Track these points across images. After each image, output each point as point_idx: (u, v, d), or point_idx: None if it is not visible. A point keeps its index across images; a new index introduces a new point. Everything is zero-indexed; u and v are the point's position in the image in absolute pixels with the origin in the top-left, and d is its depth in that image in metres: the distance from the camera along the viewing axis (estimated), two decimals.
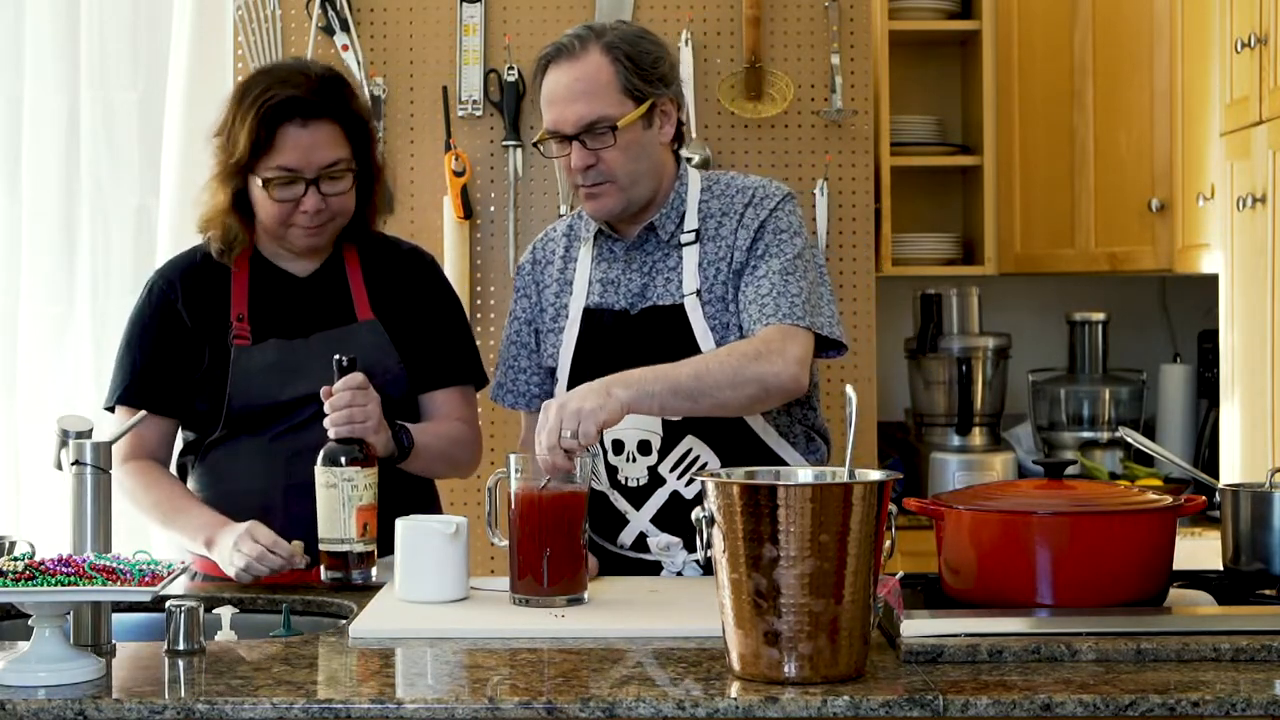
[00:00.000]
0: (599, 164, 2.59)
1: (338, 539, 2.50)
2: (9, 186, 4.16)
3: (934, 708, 1.82)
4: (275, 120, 2.63)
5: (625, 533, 2.68)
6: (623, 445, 2.65)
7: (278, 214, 2.68)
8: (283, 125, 2.64)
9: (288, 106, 2.64)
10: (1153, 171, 4.12)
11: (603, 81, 2.58)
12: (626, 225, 2.70)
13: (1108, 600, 2.10)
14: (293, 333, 2.74)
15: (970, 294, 4.45)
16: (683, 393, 2.45)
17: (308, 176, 2.66)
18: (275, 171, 2.65)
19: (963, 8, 4.47)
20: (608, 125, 2.58)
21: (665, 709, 1.82)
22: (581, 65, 2.59)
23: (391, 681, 2.02)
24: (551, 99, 2.61)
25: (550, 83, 2.61)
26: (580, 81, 2.58)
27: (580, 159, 2.59)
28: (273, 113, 2.63)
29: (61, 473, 2.30)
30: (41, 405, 4.07)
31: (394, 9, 4.03)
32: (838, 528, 1.87)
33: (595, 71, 2.58)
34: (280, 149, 2.64)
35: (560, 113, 2.59)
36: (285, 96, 2.64)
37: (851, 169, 4.07)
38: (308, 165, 2.65)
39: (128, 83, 4.16)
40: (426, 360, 2.82)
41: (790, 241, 2.62)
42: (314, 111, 2.65)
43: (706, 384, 2.46)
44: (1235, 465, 3.51)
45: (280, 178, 2.65)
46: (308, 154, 2.65)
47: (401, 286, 2.83)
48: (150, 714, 1.83)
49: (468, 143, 4.02)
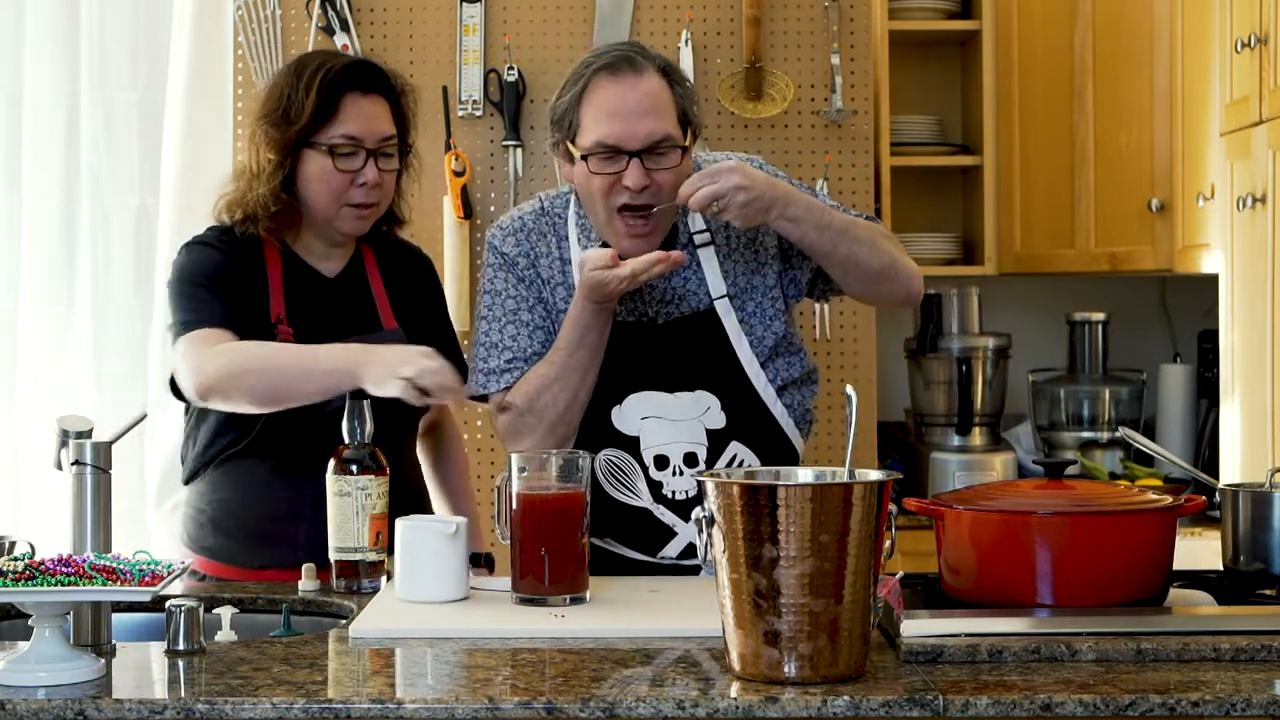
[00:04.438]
0: (652, 185, 2.52)
1: (350, 547, 2.49)
2: (9, 186, 4.16)
3: (934, 708, 1.82)
4: (339, 88, 2.68)
5: (671, 545, 2.65)
6: (667, 460, 2.63)
7: (336, 187, 2.69)
8: (346, 93, 2.68)
9: (350, 74, 2.69)
10: (1153, 171, 4.13)
11: (665, 101, 2.53)
12: None
13: (1108, 600, 2.10)
14: (328, 338, 2.69)
15: (970, 294, 4.45)
16: (834, 229, 2.54)
17: (369, 146, 2.69)
18: (340, 139, 2.68)
19: (963, 8, 4.47)
20: (673, 145, 2.52)
21: (665, 709, 1.82)
22: (646, 81, 2.52)
23: (391, 681, 2.02)
24: (615, 111, 2.50)
25: (612, 95, 2.51)
26: (649, 98, 2.51)
27: (639, 178, 2.50)
28: (337, 79, 2.67)
29: (61, 473, 2.30)
30: (41, 405, 4.07)
31: (394, 9, 4.03)
32: (838, 528, 1.87)
33: (659, 90, 2.52)
34: (344, 117, 2.68)
35: (628, 127, 2.49)
36: (346, 64, 2.71)
37: (851, 169, 4.07)
38: (369, 134, 2.69)
39: (128, 83, 4.15)
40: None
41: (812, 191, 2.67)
42: (372, 84, 2.71)
43: (854, 233, 2.56)
44: (1235, 465, 3.51)
45: (344, 146, 2.68)
46: (370, 123, 2.69)
47: (414, 291, 2.87)
48: (150, 714, 1.83)
49: (468, 143, 4.02)
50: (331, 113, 2.67)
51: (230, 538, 2.74)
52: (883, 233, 2.69)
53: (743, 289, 2.65)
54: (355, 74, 2.70)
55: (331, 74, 2.68)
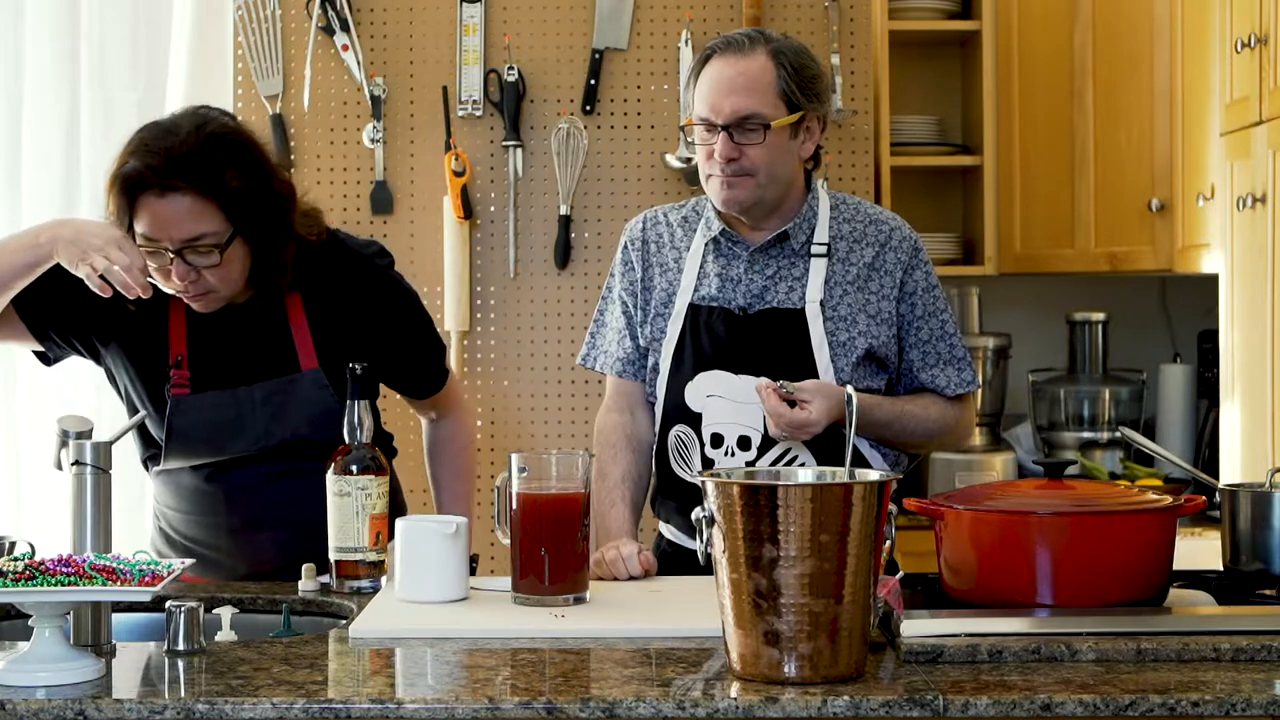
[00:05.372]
0: (742, 158, 2.65)
1: (350, 547, 2.49)
2: (9, 186, 4.16)
3: (934, 708, 1.82)
4: (133, 190, 2.50)
5: None
6: (722, 439, 2.70)
7: (159, 276, 2.55)
8: (140, 194, 2.50)
9: (140, 178, 2.49)
10: (1153, 171, 4.13)
11: (765, 81, 2.65)
12: (752, 230, 2.75)
13: (1108, 600, 2.10)
14: (233, 379, 2.64)
15: (970, 294, 4.45)
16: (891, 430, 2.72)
17: (169, 248, 2.50)
18: (140, 239, 2.52)
19: (963, 8, 4.47)
20: (760, 123, 2.64)
21: (665, 709, 1.82)
22: (746, 62, 2.66)
23: (391, 681, 2.02)
24: (710, 89, 2.67)
25: (712, 72, 2.67)
26: (742, 76, 2.65)
27: (726, 150, 2.65)
28: (125, 182, 2.50)
29: (61, 473, 2.30)
30: (41, 405, 4.07)
31: (394, 9, 4.02)
32: (838, 528, 1.87)
33: (759, 71, 2.66)
34: (139, 218, 2.51)
35: (716, 102, 2.65)
36: (136, 169, 2.49)
37: (851, 169, 4.07)
38: (166, 237, 2.50)
39: (128, 83, 4.15)
40: (409, 378, 2.84)
41: (942, 295, 2.79)
42: (168, 185, 2.48)
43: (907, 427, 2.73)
44: (1235, 465, 3.51)
45: (145, 245, 2.52)
46: (165, 226, 2.50)
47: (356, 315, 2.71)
48: (150, 714, 1.83)
49: (468, 143, 4.02)
50: (128, 212, 2.51)
51: (173, 548, 2.75)
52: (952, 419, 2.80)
53: (839, 298, 2.71)
54: (146, 177, 2.47)
55: (120, 175, 2.49)
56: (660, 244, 2.83)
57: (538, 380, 4.03)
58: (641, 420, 2.82)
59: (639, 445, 2.81)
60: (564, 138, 4.01)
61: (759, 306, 2.72)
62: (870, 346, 2.70)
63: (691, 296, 2.75)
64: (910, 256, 2.76)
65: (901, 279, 2.74)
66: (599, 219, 4.02)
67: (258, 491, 2.68)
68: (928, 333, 2.76)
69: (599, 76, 4.01)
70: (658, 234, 2.84)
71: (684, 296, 2.76)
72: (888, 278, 2.74)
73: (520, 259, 4.02)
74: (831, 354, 2.68)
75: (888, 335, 2.73)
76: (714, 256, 2.76)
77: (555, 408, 4.02)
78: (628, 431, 2.81)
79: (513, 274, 4.01)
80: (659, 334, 2.77)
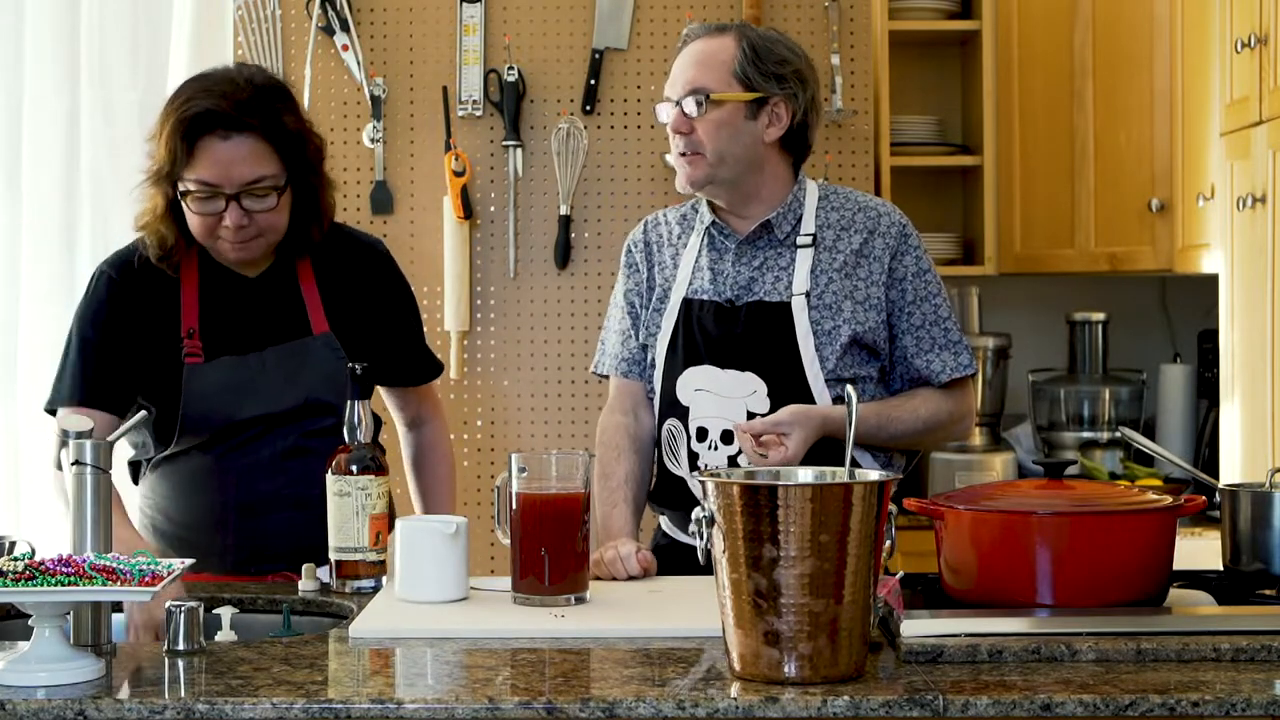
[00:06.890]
0: (692, 133, 2.70)
1: (350, 547, 2.49)
2: (9, 186, 4.16)
3: (934, 708, 1.82)
4: (195, 132, 2.54)
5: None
6: (706, 433, 2.71)
7: (200, 227, 2.60)
8: (202, 137, 2.54)
9: (206, 119, 2.54)
10: (1153, 171, 4.12)
11: (720, 59, 2.71)
12: (739, 220, 2.77)
13: (1108, 600, 2.10)
14: (246, 346, 2.67)
15: (970, 294, 4.45)
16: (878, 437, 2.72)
17: (228, 192, 2.55)
18: (195, 185, 2.56)
19: (963, 8, 4.47)
20: (704, 94, 2.69)
21: (665, 709, 1.82)
22: (710, 43, 2.73)
23: (391, 681, 2.02)
24: (675, 68, 2.75)
25: (680, 55, 2.76)
26: (702, 54, 2.72)
27: (676, 122, 2.71)
28: (192, 124, 2.53)
29: (61, 473, 2.30)
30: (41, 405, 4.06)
31: (394, 9, 4.02)
32: (838, 528, 1.87)
33: (717, 49, 2.72)
34: (199, 162, 2.54)
35: (674, 78, 2.74)
36: (204, 109, 2.54)
37: (851, 169, 4.07)
38: (227, 180, 2.55)
39: (128, 83, 4.15)
40: (396, 362, 2.85)
41: (935, 278, 2.78)
42: (236, 125, 2.54)
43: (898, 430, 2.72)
44: (1235, 465, 3.51)
45: (200, 191, 2.56)
46: (227, 169, 2.55)
47: (360, 291, 2.78)
48: (150, 714, 1.83)
49: (468, 143, 4.02)
50: (187, 158, 2.54)
51: (164, 541, 2.75)
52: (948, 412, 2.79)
53: (824, 285, 2.72)
54: (214, 117, 2.53)
55: (187, 117, 2.53)
56: (660, 243, 2.86)
57: (538, 380, 4.03)
58: (644, 421, 2.83)
59: (641, 446, 2.82)
60: (564, 138, 4.01)
61: (746, 298, 2.73)
62: (856, 333, 2.70)
63: (686, 291, 2.77)
64: (899, 241, 2.75)
65: (890, 264, 2.74)
66: (599, 219, 4.02)
67: (269, 471, 2.67)
68: (919, 318, 2.76)
69: (599, 76, 4.01)
70: (658, 234, 2.87)
71: (679, 291, 2.78)
72: (875, 263, 2.74)
73: (520, 259, 4.02)
74: (817, 343, 2.68)
75: (876, 321, 2.72)
76: (707, 250, 2.79)
77: (555, 408, 4.03)
78: (631, 432, 2.82)
79: (513, 274, 4.02)
80: (655, 328, 2.80)
